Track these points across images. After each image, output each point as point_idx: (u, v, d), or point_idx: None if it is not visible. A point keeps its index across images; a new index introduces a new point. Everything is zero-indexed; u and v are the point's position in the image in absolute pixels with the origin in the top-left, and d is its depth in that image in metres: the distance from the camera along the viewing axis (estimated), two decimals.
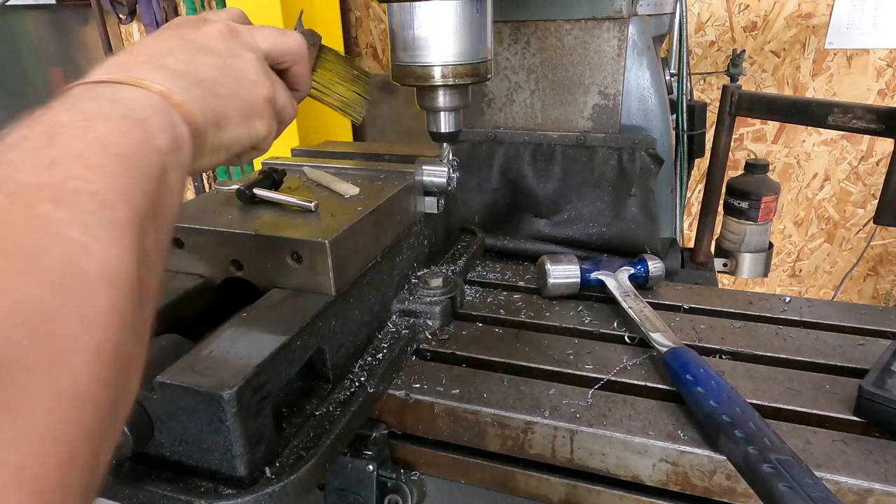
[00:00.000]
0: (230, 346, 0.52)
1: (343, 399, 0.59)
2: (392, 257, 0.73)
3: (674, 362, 0.62)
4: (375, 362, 0.65)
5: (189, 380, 0.47)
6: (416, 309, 0.74)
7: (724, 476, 0.54)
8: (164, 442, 0.50)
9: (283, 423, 0.55)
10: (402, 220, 0.75)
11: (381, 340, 0.70)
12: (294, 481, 0.48)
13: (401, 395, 0.64)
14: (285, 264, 0.60)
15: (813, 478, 0.46)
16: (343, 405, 0.58)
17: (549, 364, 0.68)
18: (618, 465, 0.58)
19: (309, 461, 0.50)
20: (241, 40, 0.49)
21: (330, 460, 0.53)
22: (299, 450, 0.52)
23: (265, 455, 0.50)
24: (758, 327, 0.75)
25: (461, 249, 0.94)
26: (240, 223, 0.63)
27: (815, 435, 0.56)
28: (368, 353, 0.67)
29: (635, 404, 0.61)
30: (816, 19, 2.00)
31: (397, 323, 0.73)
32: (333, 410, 0.58)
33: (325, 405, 0.58)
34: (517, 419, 0.60)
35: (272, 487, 0.47)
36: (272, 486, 0.48)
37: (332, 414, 0.57)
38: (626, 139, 0.98)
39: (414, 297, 0.75)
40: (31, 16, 2.55)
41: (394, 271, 0.74)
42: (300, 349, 0.55)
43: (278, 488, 0.47)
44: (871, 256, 2.25)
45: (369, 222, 0.66)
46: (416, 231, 0.80)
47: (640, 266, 0.82)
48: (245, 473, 0.48)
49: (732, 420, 0.52)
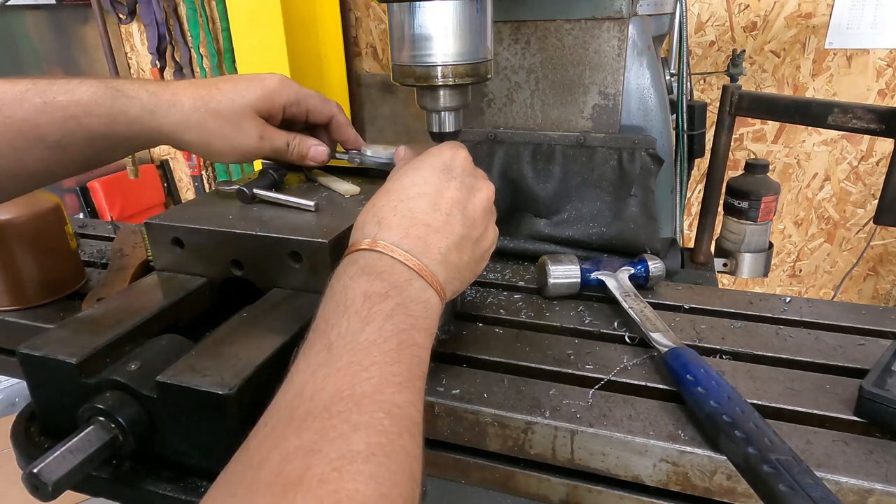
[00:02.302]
0: (230, 345, 0.52)
1: None
2: None
3: (674, 362, 0.62)
4: None
5: (189, 380, 0.47)
6: None
7: (725, 476, 0.54)
8: (164, 442, 0.50)
9: None
10: None
11: None
12: None
13: None
14: (285, 264, 0.60)
15: (813, 478, 0.46)
16: None
17: (550, 364, 0.68)
18: (618, 465, 0.58)
19: None
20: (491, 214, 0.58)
21: None
22: None
23: None
24: (758, 327, 0.75)
25: None
26: (240, 223, 0.63)
27: (815, 435, 0.56)
28: None
29: (636, 404, 0.61)
30: (816, 19, 2.00)
31: None
32: None
33: None
34: (517, 419, 0.60)
35: None
36: None
37: None
38: (626, 139, 0.98)
39: None
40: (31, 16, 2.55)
41: None
42: None
43: None
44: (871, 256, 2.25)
45: None
46: None
47: (641, 266, 0.82)
48: None
49: (733, 420, 0.52)
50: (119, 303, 0.61)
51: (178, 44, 2.73)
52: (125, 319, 0.56)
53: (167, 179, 3.15)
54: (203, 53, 2.71)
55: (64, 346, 0.52)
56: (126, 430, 0.48)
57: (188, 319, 0.62)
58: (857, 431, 0.57)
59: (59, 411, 0.52)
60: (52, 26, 2.63)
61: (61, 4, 2.62)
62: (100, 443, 0.46)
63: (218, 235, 0.62)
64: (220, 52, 2.66)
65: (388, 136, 2.69)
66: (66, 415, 0.50)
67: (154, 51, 2.70)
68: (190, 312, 0.63)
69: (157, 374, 0.48)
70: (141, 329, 0.56)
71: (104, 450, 0.46)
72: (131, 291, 0.63)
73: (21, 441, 0.54)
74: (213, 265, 0.64)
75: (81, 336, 0.53)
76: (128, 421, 0.48)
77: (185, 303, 0.62)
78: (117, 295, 0.63)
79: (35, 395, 0.55)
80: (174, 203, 3.17)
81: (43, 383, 0.53)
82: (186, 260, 0.65)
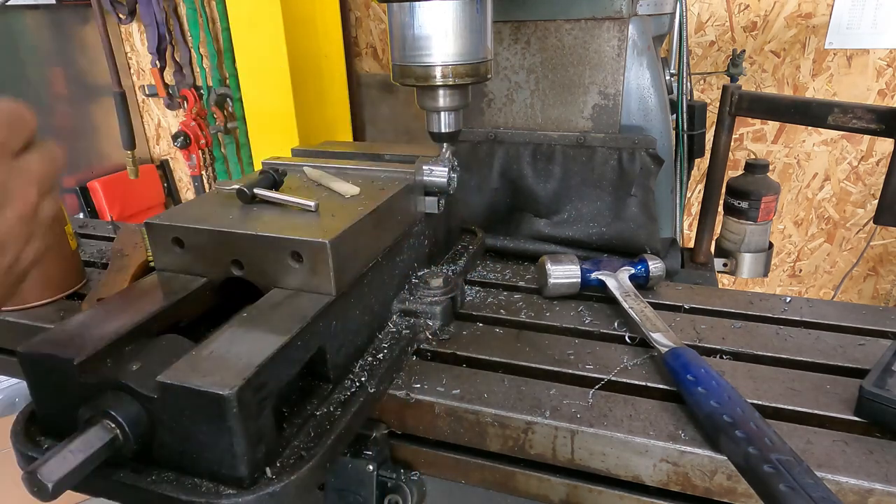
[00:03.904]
0: (231, 346, 0.52)
1: (343, 399, 0.59)
2: (393, 257, 0.73)
3: (674, 362, 0.62)
4: (376, 362, 0.65)
5: (190, 380, 0.47)
6: (416, 309, 0.74)
7: (725, 476, 0.54)
8: (165, 442, 0.50)
9: (283, 423, 0.55)
10: (402, 220, 0.75)
11: (381, 340, 0.70)
12: (295, 481, 0.48)
13: (401, 395, 0.64)
14: (286, 264, 0.60)
15: (814, 478, 0.46)
16: (343, 405, 0.58)
17: (550, 364, 0.68)
18: (618, 465, 0.58)
19: (310, 461, 0.50)
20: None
21: (331, 460, 0.53)
22: (300, 450, 0.52)
23: (266, 455, 0.50)
24: (758, 327, 0.75)
25: (461, 249, 0.94)
26: (240, 223, 0.63)
27: (815, 435, 0.56)
28: (369, 354, 0.67)
29: (636, 404, 0.61)
30: (816, 19, 2.00)
31: (398, 323, 0.73)
32: (334, 411, 0.58)
33: (326, 405, 0.58)
34: (518, 419, 0.60)
35: (273, 487, 0.47)
36: (273, 486, 0.47)
37: (333, 414, 0.57)
38: (626, 139, 0.98)
39: (414, 297, 0.75)
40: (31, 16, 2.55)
41: (394, 271, 0.74)
42: (301, 349, 0.55)
43: (279, 488, 0.47)
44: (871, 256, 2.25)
45: (370, 222, 0.66)
46: (417, 231, 0.80)
47: (641, 266, 0.82)
48: (246, 473, 0.48)
49: (733, 420, 0.52)
50: (119, 303, 0.60)
51: (178, 44, 2.72)
52: (126, 320, 0.56)
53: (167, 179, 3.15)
54: (203, 53, 2.71)
55: (64, 346, 0.52)
56: (126, 430, 0.48)
57: (189, 319, 0.62)
58: (858, 431, 0.57)
59: (60, 411, 0.52)
60: (52, 26, 2.63)
61: (61, 4, 2.61)
62: (100, 443, 0.46)
63: (218, 235, 0.62)
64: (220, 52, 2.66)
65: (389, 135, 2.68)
66: (67, 415, 0.50)
67: (154, 51, 2.70)
68: (191, 312, 0.63)
69: (157, 374, 0.48)
70: (141, 329, 0.56)
71: (105, 450, 0.46)
72: (131, 291, 0.63)
73: (21, 441, 0.54)
74: (213, 265, 0.64)
75: (82, 336, 0.53)
76: (128, 421, 0.48)
77: (185, 303, 0.62)
78: (117, 295, 0.63)
79: (35, 395, 0.54)
80: (174, 203, 3.17)
81: (43, 383, 0.53)
82: (187, 260, 0.65)
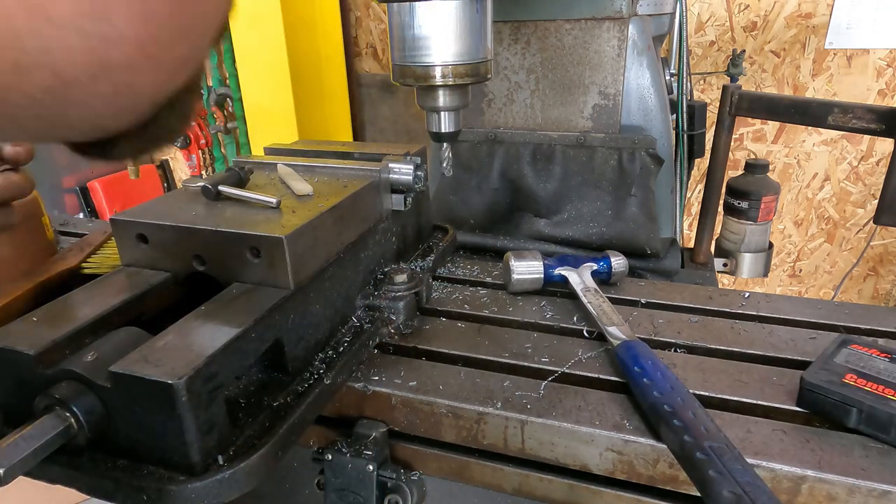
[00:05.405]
0: (184, 337, 0.53)
1: (301, 390, 0.61)
2: (357, 253, 0.75)
3: (624, 354, 0.64)
4: (335, 355, 0.67)
5: (141, 369, 0.48)
6: (380, 304, 0.76)
7: (667, 465, 0.56)
8: (120, 431, 0.51)
9: (240, 413, 0.57)
10: (366, 216, 0.76)
11: (343, 334, 0.71)
12: (244, 468, 0.50)
13: (359, 387, 0.65)
14: (245, 259, 0.62)
15: (743, 464, 0.48)
16: (300, 396, 0.60)
17: (508, 357, 0.69)
18: (566, 454, 0.59)
19: (259, 449, 0.51)
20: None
21: (283, 448, 0.54)
22: (253, 438, 0.54)
23: (218, 443, 0.51)
24: (714, 321, 0.76)
25: (432, 246, 0.96)
26: (203, 219, 0.65)
27: (756, 425, 0.58)
28: (330, 347, 0.68)
29: (586, 395, 0.62)
30: (816, 19, 2.00)
31: (361, 317, 0.75)
32: (290, 401, 0.59)
33: (283, 396, 0.60)
34: (470, 410, 0.61)
35: (222, 474, 0.49)
36: (222, 472, 0.49)
37: (289, 405, 0.59)
38: (626, 139, 0.99)
39: (379, 293, 0.77)
40: None
41: (358, 267, 0.76)
42: (255, 341, 0.56)
43: (228, 475, 0.49)
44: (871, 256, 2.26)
45: (330, 218, 0.67)
46: (383, 228, 0.81)
47: (604, 262, 0.84)
48: (198, 460, 0.49)
49: (673, 409, 0.54)
50: (83, 296, 0.62)
51: None
52: (86, 312, 0.58)
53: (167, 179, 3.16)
54: None
55: (24, 337, 0.53)
56: (81, 419, 0.49)
57: (152, 313, 0.64)
58: (799, 421, 0.59)
59: (20, 402, 0.54)
60: None
61: None
62: (53, 431, 0.47)
63: (181, 231, 0.64)
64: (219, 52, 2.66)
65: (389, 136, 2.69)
66: (26, 405, 0.51)
67: None
68: (153, 306, 0.64)
69: (111, 364, 0.49)
70: (102, 322, 0.58)
71: (58, 438, 0.48)
72: (95, 285, 0.65)
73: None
74: (176, 260, 0.65)
75: (42, 328, 0.55)
76: (82, 410, 0.49)
77: (148, 297, 0.63)
78: (81, 288, 0.64)
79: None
80: None
81: (3, 374, 0.54)
82: (151, 255, 0.66)
